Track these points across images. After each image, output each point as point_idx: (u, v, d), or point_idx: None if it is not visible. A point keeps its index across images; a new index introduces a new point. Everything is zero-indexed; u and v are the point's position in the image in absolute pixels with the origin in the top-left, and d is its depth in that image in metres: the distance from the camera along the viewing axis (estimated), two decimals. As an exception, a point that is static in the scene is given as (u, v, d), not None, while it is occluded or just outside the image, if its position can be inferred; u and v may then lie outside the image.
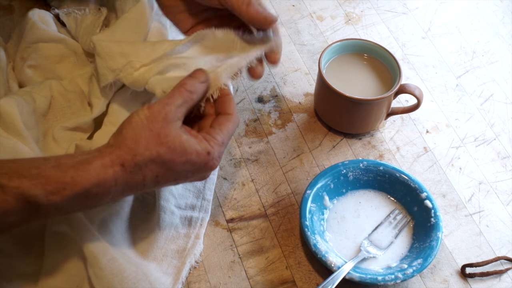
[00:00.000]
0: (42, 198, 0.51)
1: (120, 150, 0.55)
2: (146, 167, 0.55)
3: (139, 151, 0.54)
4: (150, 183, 0.57)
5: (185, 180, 0.60)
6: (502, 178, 0.80)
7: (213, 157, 0.58)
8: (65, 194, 0.52)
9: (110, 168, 0.54)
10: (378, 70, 0.81)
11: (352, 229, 0.72)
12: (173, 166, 0.56)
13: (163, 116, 0.56)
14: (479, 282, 0.70)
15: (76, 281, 0.63)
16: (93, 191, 0.53)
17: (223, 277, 0.68)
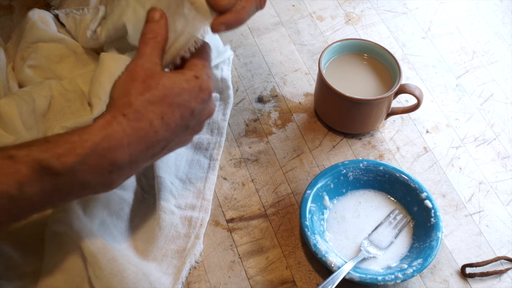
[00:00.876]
0: (55, 162, 0.50)
1: (115, 106, 0.55)
2: (146, 110, 0.55)
3: (132, 99, 0.55)
4: (160, 127, 0.56)
5: (193, 113, 0.58)
6: (502, 178, 0.80)
7: (203, 78, 0.58)
8: (77, 153, 0.51)
9: (113, 120, 0.54)
10: (378, 70, 0.81)
11: (352, 229, 0.72)
12: (171, 100, 0.56)
13: (140, 67, 0.56)
14: (479, 282, 0.70)
15: (76, 281, 0.63)
16: (104, 145, 0.52)
17: (223, 277, 0.68)
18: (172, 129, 0.57)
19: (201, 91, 0.58)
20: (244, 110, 0.84)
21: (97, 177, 0.54)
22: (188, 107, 0.57)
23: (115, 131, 0.53)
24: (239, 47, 0.92)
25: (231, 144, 0.80)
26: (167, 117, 0.56)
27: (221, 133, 0.80)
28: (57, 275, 0.63)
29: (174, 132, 0.57)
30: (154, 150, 0.57)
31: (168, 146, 0.59)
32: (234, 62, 0.89)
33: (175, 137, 0.58)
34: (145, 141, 0.55)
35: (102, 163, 0.53)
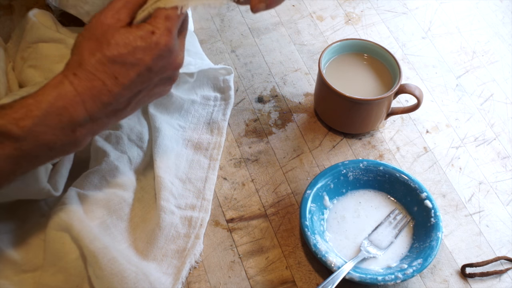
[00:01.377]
0: (13, 127, 0.51)
1: (68, 65, 0.55)
2: (98, 70, 0.54)
3: (84, 59, 0.54)
4: (115, 86, 0.55)
5: (151, 70, 0.56)
6: (502, 178, 0.80)
7: (160, 33, 0.55)
8: (34, 115, 0.52)
9: (64, 79, 0.54)
10: (378, 70, 0.81)
11: (352, 229, 0.72)
12: (123, 60, 0.55)
13: (99, 24, 0.56)
14: (479, 282, 0.70)
15: (76, 281, 0.63)
16: (59, 104, 0.53)
17: (223, 277, 0.68)
18: (129, 87, 0.56)
19: (157, 47, 0.55)
20: (244, 110, 0.84)
21: (60, 136, 0.54)
22: (144, 65, 0.56)
23: (67, 90, 0.54)
24: (239, 47, 0.92)
25: (231, 144, 0.80)
26: (121, 77, 0.55)
27: (221, 133, 0.80)
28: (57, 275, 0.63)
29: (133, 90, 0.56)
30: (114, 107, 0.56)
31: (135, 101, 0.58)
32: (234, 62, 0.89)
33: (138, 93, 0.57)
34: (100, 99, 0.55)
35: (61, 121, 0.54)
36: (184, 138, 0.78)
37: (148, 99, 0.60)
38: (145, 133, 0.77)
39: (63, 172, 0.70)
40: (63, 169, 0.70)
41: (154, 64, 0.56)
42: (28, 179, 0.65)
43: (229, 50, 0.91)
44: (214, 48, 0.91)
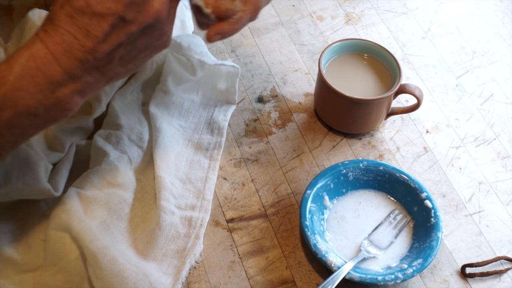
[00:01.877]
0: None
1: (41, 24, 0.52)
2: (67, 24, 0.51)
3: (55, 13, 0.51)
4: (87, 40, 0.51)
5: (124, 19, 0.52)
6: (502, 178, 0.80)
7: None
8: (7, 81, 0.50)
9: (36, 38, 0.51)
10: (378, 70, 0.81)
11: (352, 229, 0.72)
12: (92, 11, 0.51)
13: None
14: (479, 282, 0.70)
15: (76, 281, 0.63)
16: (31, 65, 0.50)
17: (223, 277, 0.68)
18: (104, 40, 0.52)
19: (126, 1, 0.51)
20: (244, 110, 0.84)
21: (40, 99, 0.52)
22: (115, 14, 0.51)
23: (38, 48, 0.51)
24: (239, 47, 0.92)
25: (231, 144, 0.80)
26: (92, 29, 0.51)
27: (222, 133, 0.80)
28: (57, 275, 0.63)
29: (110, 43, 0.52)
30: (93, 63, 0.53)
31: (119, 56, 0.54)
32: (234, 62, 0.89)
33: (118, 46, 0.53)
34: (73, 55, 0.51)
35: (37, 83, 0.51)
36: (185, 138, 0.78)
37: (136, 54, 0.55)
38: (145, 133, 0.77)
39: (63, 172, 0.70)
40: (63, 169, 0.70)
41: (126, 13, 0.51)
42: (28, 179, 0.65)
43: (229, 50, 0.91)
44: (214, 48, 0.91)
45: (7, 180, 0.65)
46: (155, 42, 0.56)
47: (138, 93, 0.81)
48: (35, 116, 0.52)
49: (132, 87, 0.80)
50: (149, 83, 0.82)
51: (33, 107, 0.52)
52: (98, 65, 0.53)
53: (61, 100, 0.53)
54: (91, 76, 0.53)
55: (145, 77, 0.81)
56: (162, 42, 0.56)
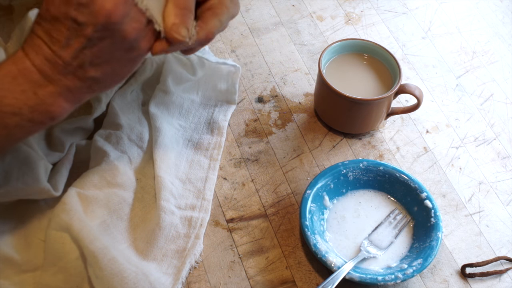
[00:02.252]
0: None
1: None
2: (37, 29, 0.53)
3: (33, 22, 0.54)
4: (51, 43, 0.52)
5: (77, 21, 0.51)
6: (502, 178, 0.80)
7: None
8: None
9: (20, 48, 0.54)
10: (378, 70, 0.81)
11: (352, 229, 0.72)
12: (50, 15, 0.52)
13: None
14: (479, 282, 0.70)
15: (76, 281, 0.63)
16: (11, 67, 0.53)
17: (223, 277, 0.68)
18: (67, 44, 0.52)
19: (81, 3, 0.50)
20: (244, 110, 0.84)
21: (24, 100, 0.53)
22: (68, 18, 0.51)
23: (18, 53, 0.53)
24: (239, 47, 0.92)
25: (231, 144, 0.80)
26: (54, 33, 0.52)
27: (222, 133, 0.80)
28: (57, 275, 0.63)
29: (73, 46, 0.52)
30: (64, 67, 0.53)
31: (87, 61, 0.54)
32: (234, 62, 0.89)
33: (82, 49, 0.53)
34: (44, 56, 0.53)
35: (18, 84, 0.53)
36: (185, 138, 0.78)
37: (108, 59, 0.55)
38: (145, 133, 0.77)
39: (63, 172, 0.70)
40: (63, 169, 0.70)
41: (78, 15, 0.51)
42: (27, 179, 0.65)
43: (229, 50, 0.91)
44: (214, 48, 0.91)
45: (6, 180, 0.65)
46: (125, 54, 0.55)
47: (138, 93, 0.81)
48: (20, 116, 0.54)
49: (132, 87, 0.80)
50: (149, 83, 0.82)
51: (17, 106, 0.53)
52: (70, 69, 0.54)
53: (44, 102, 0.54)
54: (67, 80, 0.54)
55: (145, 77, 0.81)
56: (134, 57, 0.56)
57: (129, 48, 0.54)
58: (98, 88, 0.57)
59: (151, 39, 0.56)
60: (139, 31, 0.54)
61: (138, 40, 0.54)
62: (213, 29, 0.58)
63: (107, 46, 0.53)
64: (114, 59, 0.55)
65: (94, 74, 0.55)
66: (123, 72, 0.57)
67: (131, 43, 0.54)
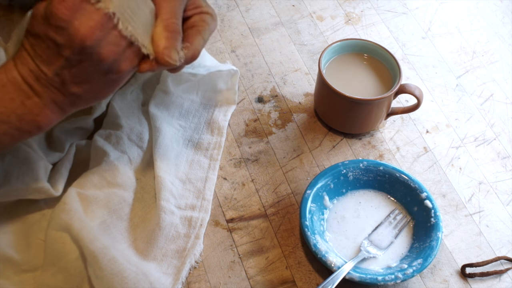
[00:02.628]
0: None
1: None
2: (25, 42, 0.54)
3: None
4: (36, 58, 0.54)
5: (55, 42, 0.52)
6: (502, 178, 0.80)
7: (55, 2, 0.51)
8: None
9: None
10: (378, 70, 0.81)
11: (352, 229, 0.72)
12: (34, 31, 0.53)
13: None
14: (479, 282, 0.70)
15: (76, 281, 0.63)
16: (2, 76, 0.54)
17: (223, 277, 0.68)
18: (48, 60, 0.54)
19: (52, 18, 0.52)
20: (244, 110, 0.84)
21: (12, 108, 0.54)
22: (47, 37, 0.53)
23: (8, 63, 0.55)
24: (239, 47, 0.92)
25: (231, 144, 0.80)
26: (36, 47, 0.54)
27: (222, 133, 0.80)
28: (57, 275, 0.63)
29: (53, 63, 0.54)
30: (47, 80, 0.54)
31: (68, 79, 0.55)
32: (234, 62, 0.89)
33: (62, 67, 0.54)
34: (28, 67, 0.54)
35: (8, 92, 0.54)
36: (185, 138, 0.78)
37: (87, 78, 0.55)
38: (145, 133, 0.77)
39: (63, 172, 0.70)
40: (63, 169, 0.70)
41: (56, 36, 0.52)
42: (27, 179, 0.65)
43: (229, 50, 0.91)
44: (214, 48, 0.91)
45: (6, 180, 0.65)
46: (104, 75, 0.56)
47: (138, 93, 0.81)
48: (8, 124, 0.55)
49: (132, 87, 0.80)
50: (149, 83, 0.82)
51: (6, 114, 0.55)
52: (53, 84, 0.55)
53: (31, 111, 0.55)
54: (51, 93, 0.55)
55: (145, 77, 0.81)
56: (115, 78, 0.57)
57: (107, 70, 0.55)
58: (82, 103, 0.58)
59: (133, 61, 0.56)
60: (117, 54, 0.54)
61: (117, 63, 0.55)
62: (198, 47, 0.59)
63: (86, 67, 0.54)
64: (94, 80, 0.56)
65: (76, 91, 0.56)
66: (105, 91, 0.58)
67: (109, 66, 0.55)
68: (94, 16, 0.52)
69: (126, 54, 0.55)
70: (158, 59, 0.56)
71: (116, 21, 0.53)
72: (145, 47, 0.55)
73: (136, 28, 0.54)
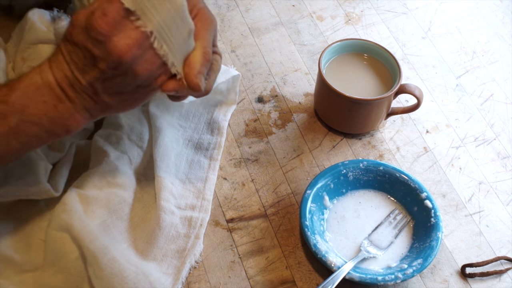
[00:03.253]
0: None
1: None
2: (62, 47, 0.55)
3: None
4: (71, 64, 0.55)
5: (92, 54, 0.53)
6: (502, 178, 0.80)
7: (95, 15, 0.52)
8: (16, 88, 0.55)
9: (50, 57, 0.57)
10: (378, 70, 0.81)
11: (352, 229, 0.72)
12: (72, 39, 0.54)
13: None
14: (479, 282, 0.70)
15: (76, 281, 0.63)
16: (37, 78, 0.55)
17: (223, 277, 0.68)
18: (83, 69, 0.55)
19: (91, 30, 0.53)
20: (244, 110, 0.84)
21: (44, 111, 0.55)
22: (85, 48, 0.54)
23: (43, 64, 0.56)
24: (239, 47, 0.92)
25: (231, 144, 0.80)
26: (72, 55, 0.55)
27: (222, 133, 0.80)
28: (57, 275, 0.63)
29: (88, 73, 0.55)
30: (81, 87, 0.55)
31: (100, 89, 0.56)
32: (234, 62, 0.89)
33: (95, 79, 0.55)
34: (62, 71, 0.55)
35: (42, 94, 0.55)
36: (185, 138, 0.78)
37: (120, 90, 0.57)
38: (145, 133, 0.77)
39: (63, 172, 0.70)
40: (63, 169, 0.70)
41: (94, 48, 0.53)
42: (28, 179, 0.65)
43: (229, 50, 0.91)
44: (214, 48, 0.91)
45: (6, 180, 0.65)
46: (136, 89, 0.57)
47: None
48: (39, 126, 0.56)
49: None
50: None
51: (38, 116, 0.55)
52: (86, 91, 0.56)
53: (62, 115, 0.56)
54: (83, 99, 0.57)
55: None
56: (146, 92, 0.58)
57: (140, 85, 0.57)
58: (111, 111, 0.60)
59: (163, 78, 0.58)
60: (151, 71, 0.56)
61: (150, 79, 0.57)
62: (212, 84, 0.61)
63: (119, 81, 0.56)
64: (127, 92, 0.57)
65: (107, 100, 0.57)
66: (135, 103, 0.60)
67: (143, 81, 0.56)
68: (133, 33, 0.53)
69: (159, 71, 0.57)
70: (189, 81, 0.58)
71: (153, 40, 0.54)
72: (175, 67, 0.57)
73: (171, 48, 0.56)
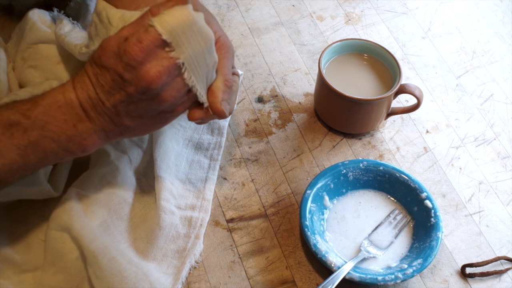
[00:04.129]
0: (22, 118, 0.55)
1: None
2: (88, 68, 0.57)
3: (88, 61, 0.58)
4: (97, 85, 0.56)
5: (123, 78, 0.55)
6: (502, 178, 0.80)
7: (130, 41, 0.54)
8: (40, 104, 0.56)
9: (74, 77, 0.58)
10: (378, 70, 0.81)
11: (352, 229, 0.72)
12: (101, 63, 0.56)
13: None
14: (479, 282, 0.70)
15: (76, 281, 0.63)
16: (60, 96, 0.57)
17: (223, 277, 0.68)
18: (108, 91, 0.56)
19: (125, 55, 0.54)
20: (244, 110, 0.84)
21: (64, 129, 0.57)
22: (115, 72, 0.55)
23: (67, 83, 0.58)
24: (239, 47, 0.92)
25: (231, 144, 0.80)
26: (100, 77, 0.56)
27: (222, 133, 0.80)
28: (57, 275, 0.63)
29: (113, 95, 0.56)
30: (103, 109, 0.57)
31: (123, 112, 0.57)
32: (235, 62, 0.89)
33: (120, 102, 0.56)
34: (87, 92, 0.57)
35: (63, 113, 0.56)
36: (185, 138, 0.78)
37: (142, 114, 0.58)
38: (145, 133, 0.77)
39: (63, 172, 0.70)
40: (63, 169, 0.70)
41: (124, 72, 0.55)
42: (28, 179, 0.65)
43: (229, 50, 0.91)
44: (214, 48, 0.91)
45: (7, 180, 0.65)
46: (159, 114, 0.59)
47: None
48: (57, 143, 0.57)
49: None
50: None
51: (57, 133, 0.57)
52: (108, 113, 0.58)
53: (81, 135, 0.58)
54: (104, 121, 0.58)
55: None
56: (168, 117, 0.61)
57: (163, 111, 0.59)
58: (129, 135, 0.61)
59: (186, 105, 0.60)
60: (176, 98, 0.58)
61: (175, 106, 0.59)
62: (233, 105, 0.64)
63: (144, 105, 0.57)
64: (149, 116, 0.59)
65: (128, 123, 0.59)
66: (155, 127, 0.62)
67: (167, 107, 0.58)
68: (165, 62, 0.55)
69: (184, 99, 0.59)
70: (214, 109, 0.61)
71: (184, 70, 0.56)
72: (202, 96, 0.60)
73: (198, 78, 0.58)
